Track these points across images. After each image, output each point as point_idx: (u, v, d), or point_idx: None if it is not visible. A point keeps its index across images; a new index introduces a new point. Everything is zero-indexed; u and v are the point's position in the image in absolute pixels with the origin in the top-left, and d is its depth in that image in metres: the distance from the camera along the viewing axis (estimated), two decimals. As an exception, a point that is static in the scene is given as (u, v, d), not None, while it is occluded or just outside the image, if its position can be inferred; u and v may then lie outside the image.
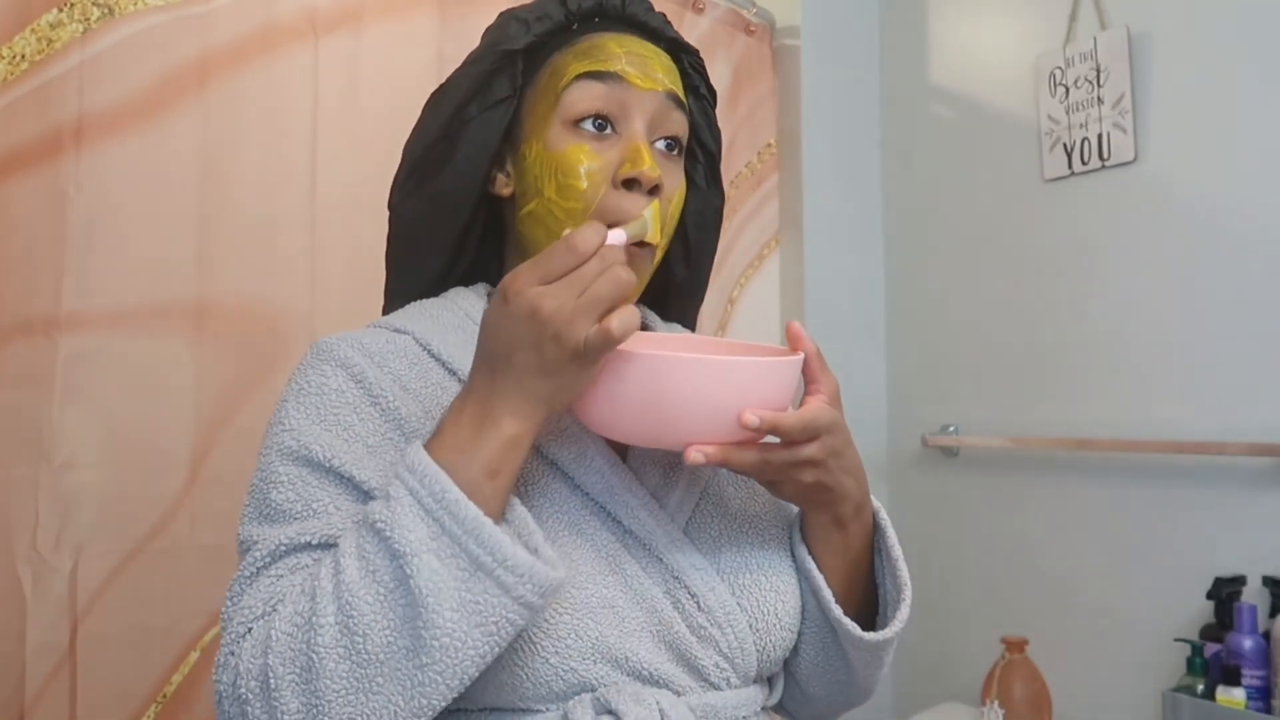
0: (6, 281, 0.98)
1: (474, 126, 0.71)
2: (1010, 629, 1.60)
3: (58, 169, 1.00)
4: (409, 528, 0.53)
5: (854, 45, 1.93)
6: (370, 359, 0.67)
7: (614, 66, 0.68)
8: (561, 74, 0.69)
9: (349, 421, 0.64)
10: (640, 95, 0.69)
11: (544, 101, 0.70)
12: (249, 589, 0.59)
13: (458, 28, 1.28)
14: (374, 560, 0.53)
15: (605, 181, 0.67)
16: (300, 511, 0.60)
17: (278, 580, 0.58)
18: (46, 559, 0.98)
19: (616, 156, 0.68)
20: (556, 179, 0.68)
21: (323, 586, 0.54)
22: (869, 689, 0.76)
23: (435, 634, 0.52)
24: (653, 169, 0.66)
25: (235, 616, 0.58)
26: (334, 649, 0.52)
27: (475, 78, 0.71)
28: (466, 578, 0.52)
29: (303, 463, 0.61)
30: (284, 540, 0.59)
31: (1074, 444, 1.58)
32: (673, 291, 0.84)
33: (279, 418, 0.65)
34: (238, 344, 1.10)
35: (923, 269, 1.87)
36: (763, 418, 0.58)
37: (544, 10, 0.71)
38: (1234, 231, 1.42)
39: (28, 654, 0.97)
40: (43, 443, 0.99)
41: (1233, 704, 1.25)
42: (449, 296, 0.75)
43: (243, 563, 0.60)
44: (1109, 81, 1.55)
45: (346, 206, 1.18)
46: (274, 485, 0.62)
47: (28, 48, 0.99)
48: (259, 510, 0.62)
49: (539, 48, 0.71)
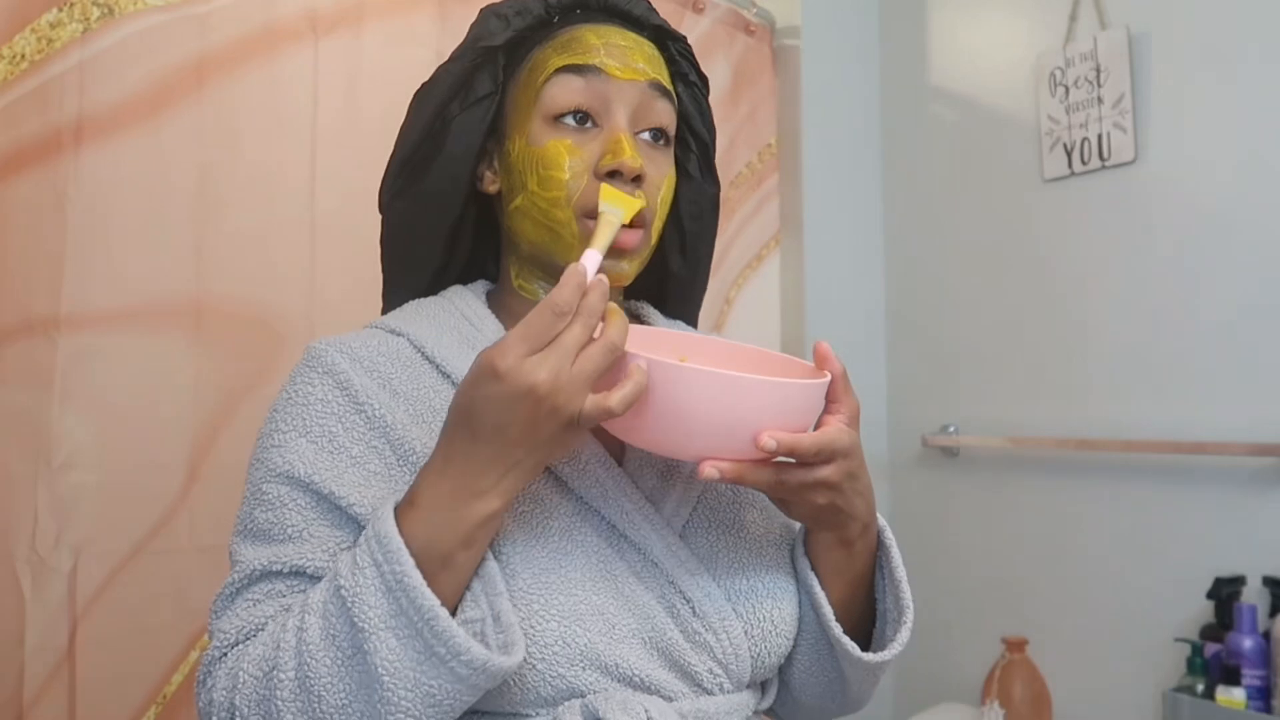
0: (6, 281, 0.98)
1: (457, 125, 0.71)
2: (1010, 629, 1.60)
3: (57, 169, 1.00)
4: (370, 604, 0.53)
5: (854, 45, 1.93)
6: (358, 364, 0.66)
7: (592, 59, 0.68)
8: (541, 69, 0.69)
9: (333, 432, 0.64)
10: (620, 86, 0.68)
11: (525, 97, 0.70)
12: (228, 609, 0.61)
13: (458, 28, 1.25)
14: (336, 625, 0.54)
15: (587, 173, 0.67)
16: (277, 534, 0.61)
17: (253, 606, 0.60)
18: (45, 559, 0.98)
19: (598, 149, 0.67)
20: (538, 173, 0.67)
21: (286, 640, 0.55)
22: (863, 701, 0.75)
23: (390, 709, 0.53)
24: (634, 159, 0.66)
25: (216, 634, 0.61)
26: (291, 703, 0.54)
27: (457, 75, 0.71)
28: (421, 660, 0.53)
29: (285, 480, 0.62)
30: (259, 565, 0.61)
31: (1074, 444, 1.58)
32: (671, 285, 0.83)
33: (267, 429, 0.66)
34: (237, 344, 1.10)
35: (923, 269, 1.87)
36: (780, 440, 0.57)
37: (524, 5, 0.71)
38: (1233, 231, 1.42)
39: (27, 654, 0.96)
40: (42, 443, 0.98)
41: (1233, 704, 1.25)
42: (447, 296, 0.75)
43: (231, 575, 0.63)
44: (1109, 81, 1.55)
45: (346, 206, 1.18)
46: (258, 503, 0.63)
47: (28, 47, 0.99)
48: (245, 525, 0.64)
49: (520, 43, 0.71)
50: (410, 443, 0.64)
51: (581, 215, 0.67)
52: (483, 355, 0.53)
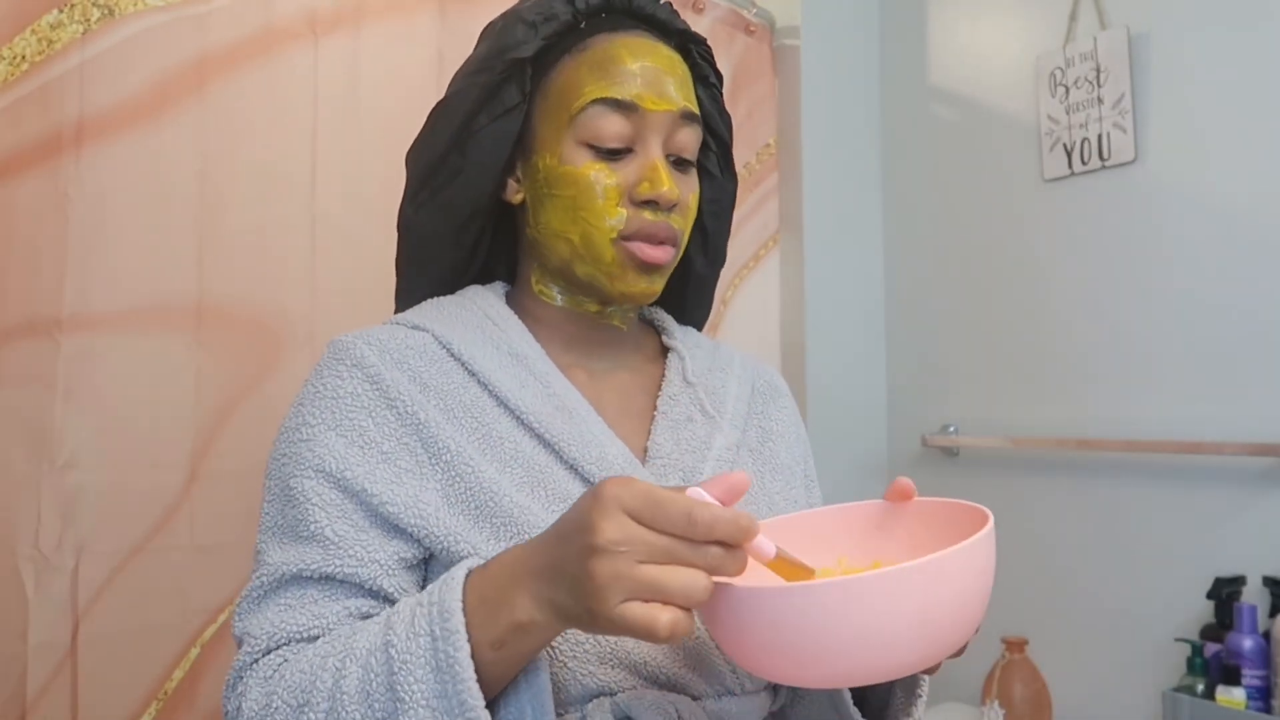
0: (8, 282, 0.99)
1: (484, 136, 0.70)
2: (1010, 629, 1.60)
3: (58, 169, 1.00)
4: (416, 677, 0.51)
5: (854, 45, 1.93)
6: (387, 357, 0.66)
7: (630, 93, 0.67)
8: (576, 93, 0.68)
9: (364, 426, 0.63)
10: (657, 117, 0.68)
11: (558, 117, 0.69)
12: (257, 610, 0.60)
13: (458, 28, 1.28)
14: (374, 684, 0.52)
15: (622, 198, 0.67)
16: (306, 533, 0.60)
17: (285, 612, 0.59)
18: (48, 558, 0.98)
19: (634, 175, 0.68)
20: (573, 194, 0.68)
21: (323, 681, 0.54)
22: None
23: None
24: (671, 190, 0.67)
25: (245, 639, 0.60)
26: None
27: (484, 87, 0.70)
28: None
29: (315, 475, 0.61)
30: (289, 568, 0.60)
31: (1074, 444, 1.58)
32: (692, 285, 0.84)
33: (293, 423, 0.65)
34: (238, 344, 1.11)
35: (922, 269, 1.87)
36: None
37: (550, 10, 0.70)
38: (1233, 231, 1.42)
39: (29, 652, 0.97)
40: (45, 442, 0.99)
41: (1233, 704, 1.25)
42: (466, 295, 0.75)
43: (256, 573, 0.61)
44: (1109, 81, 1.55)
45: (346, 207, 1.19)
46: (286, 500, 0.62)
47: (28, 48, 0.99)
48: (273, 523, 0.63)
49: (547, 50, 0.70)
50: (444, 440, 0.63)
51: (620, 240, 0.68)
52: (609, 486, 0.47)
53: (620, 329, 0.76)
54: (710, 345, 0.83)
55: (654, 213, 0.68)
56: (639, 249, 0.68)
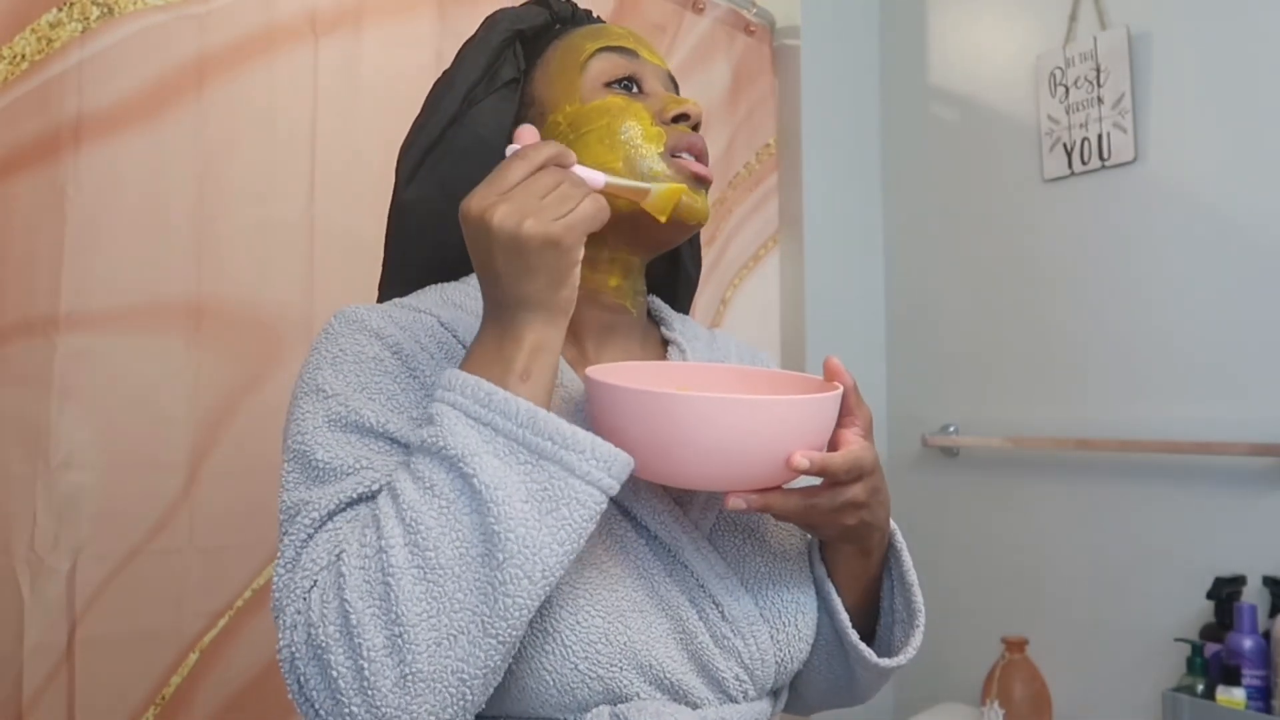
0: (5, 281, 0.98)
1: (484, 108, 0.71)
2: (1010, 629, 1.60)
3: (57, 168, 1.00)
4: (461, 435, 0.53)
5: (854, 45, 1.93)
6: (403, 331, 0.65)
7: (628, 43, 0.72)
8: (579, 50, 0.71)
9: (391, 391, 0.61)
10: (654, 68, 0.73)
11: (565, 75, 0.71)
12: (307, 548, 0.56)
13: (457, 29, 1.27)
14: (430, 476, 0.53)
15: (653, 117, 0.69)
16: (352, 466, 0.58)
17: (337, 532, 0.56)
18: (44, 560, 0.98)
19: (655, 103, 0.70)
20: (606, 120, 0.68)
21: (384, 512, 0.53)
22: (868, 696, 0.76)
23: (509, 526, 0.51)
24: (696, 105, 0.70)
25: (296, 574, 0.55)
26: (408, 570, 0.50)
27: (478, 62, 0.72)
28: (530, 469, 0.52)
29: (352, 429, 0.59)
30: (340, 497, 0.57)
31: (1074, 444, 1.58)
32: (682, 287, 0.86)
33: (317, 384, 0.61)
34: (236, 344, 1.10)
35: (922, 269, 1.87)
36: (812, 459, 0.56)
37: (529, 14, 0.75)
38: (1233, 231, 1.42)
39: (25, 655, 0.96)
40: (41, 443, 0.98)
41: (1233, 704, 1.25)
42: (469, 282, 0.72)
43: (292, 527, 0.57)
44: (1109, 81, 1.55)
45: (345, 207, 1.18)
46: (321, 447, 0.59)
47: (28, 48, 0.99)
48: (305, 474, 0.59)
49: (534, 39, 0.74)
50: None
51: (669, 154, 0.68)
52: (470, 207, 0.56)
53: (630, 313, 0.74)
54: (707, 335, 0.83)
55: (687, 126, 0.70)
56: (689, 163, 0.69)
